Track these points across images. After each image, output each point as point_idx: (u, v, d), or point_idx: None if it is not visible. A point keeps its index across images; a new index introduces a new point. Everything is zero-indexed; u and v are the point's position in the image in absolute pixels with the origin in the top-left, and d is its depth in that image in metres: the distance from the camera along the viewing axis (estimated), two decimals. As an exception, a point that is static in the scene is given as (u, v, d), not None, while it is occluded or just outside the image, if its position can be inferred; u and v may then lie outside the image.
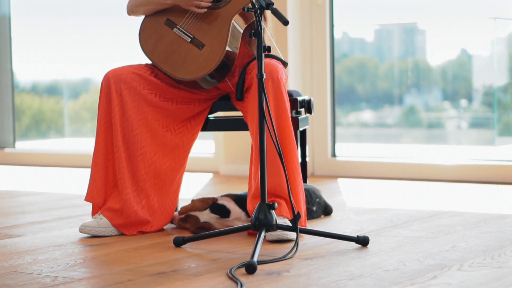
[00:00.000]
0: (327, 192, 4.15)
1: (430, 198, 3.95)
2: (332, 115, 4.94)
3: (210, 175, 5.03)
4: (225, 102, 3.26)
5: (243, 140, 4.87)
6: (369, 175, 4.75)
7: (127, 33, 5.93)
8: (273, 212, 2.68)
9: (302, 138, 3.47)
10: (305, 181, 3.48)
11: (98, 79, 6.84)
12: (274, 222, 2.67)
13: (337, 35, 5.05)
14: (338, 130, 5.03)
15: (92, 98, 6.84)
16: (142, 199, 3.12)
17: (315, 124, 4.91)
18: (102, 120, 3.15)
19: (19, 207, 3.83)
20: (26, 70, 6.65)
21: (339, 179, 4.72)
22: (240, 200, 3.18)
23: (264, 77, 2.71)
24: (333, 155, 4.91)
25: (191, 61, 3.10)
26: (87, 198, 3.13)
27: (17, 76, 6.43)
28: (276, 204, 2.68)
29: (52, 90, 6.84)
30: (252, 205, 2.98)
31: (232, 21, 3.11)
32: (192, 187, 4.48)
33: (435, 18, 5.13)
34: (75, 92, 6.75)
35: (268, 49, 2.76)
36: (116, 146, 3.11)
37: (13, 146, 6.19)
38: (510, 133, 5.09)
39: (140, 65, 3.21)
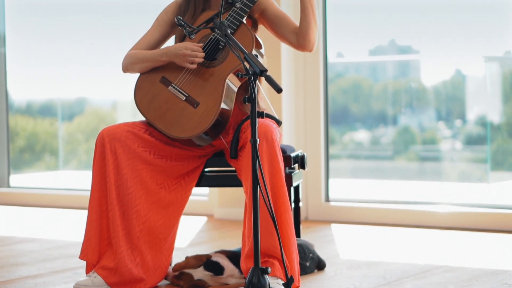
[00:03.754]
0: (320, 240, 4.16)
1: (424, 249, 3.96)
2: (325, 161, 4.94)
3: (204, 218, 5.04)
4: (219, 159, 3.28)
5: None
6: (362, 221, 4.76)
7: (123, 53, 5.93)
8: (266, 276, 2.71)
9: (296, 193, 3.49)
10: (298, 228, 3.49)
11: (93, 98, 6.85)
12: (268, 287, 2.69)
13: (331, 55, 5.06)
14: (331, 152, 5.02)
15: (87, 119, 6.85)
16: (136, 256, 3.14)
17: (308, 169, 4.87)
18: (97, 178, 3.17)
19: (13, 258, 3.84)
20: (20, 89, 6.65)
21: (333, 225, 4.73)
22: (234, 257, 3.20)
23: (258, 142, 2.73)
24: (327, 199, 4.92)
25: (186, 120, 3.12)
26: (82, 256, 3.15)
27: (11, 96, 6.43)
28: (269, 269, 2.72)
29: (47, 110, 6.84)
30: (246, 265, 3.00)
31: (227, 80, 3.13)
32: (186, 233, 4.49)
33: (429, 39, 5.14)
34: (70, 112, 6.75)
35: (262, 114, 2.78)
36: (110, 204, 3.13)
37: (7, 174, 6.18)
38: (503, 167, 5.11)
39: (134, 122, 3.23)
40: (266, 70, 2.74)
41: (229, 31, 2.87)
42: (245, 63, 2.77)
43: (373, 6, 5.23)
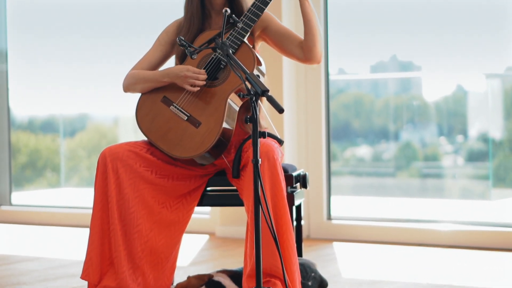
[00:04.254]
0: (322, 258, 4.15)
1: (426, 268, 3.94)
2: (327, 178, 4.93)
3: (206, 237, 5.03)
4: (220, 178, 3.28)
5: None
6: (364, 239, 4.75)
7: (123, 68, 5.94)
8: (268, 296, 2.71)
9: (298, 212, 3.48)
10: (300, 246, 3.48)
11: (95, 114, 6.85)
12: (270, 307, 2.70)
13: (332, 71, 5.06)
14: (333, 169, 5.00)
15: (88, 136, 6.85)
16: (138, 276, 3.13)
17: (309, 186, 4.85)
18: (99, 198, 3.16)
19: (15, 277, 3.83)
20: (22, 105, 6.66)
21: (335, 243, 4.72)
22: (236, 277, 3.19)
23: (260, 161, 2.73)
24: (329, 217, 4.91)
25: (188, 140, 3.12)
26: (83, 276, 3.14)
27: (13, 112, 6.43)
28: (271, 290, 2.71)
29: (49, 126, 6.84)
30: (248, 285, 3.00)
31: (228, 99, 3.13)
32: (188, 251, 4.48)
33: (430, 55, 5.14)
34: (72, 128, 6.75)
35: (263, 134, 2.78)
36: (112, 223, 3.12)
37: (9, 191, 6.18)
38: (505, 184, 5.10)
39: (136, 142, 3.23)
40: (268, 90, 2.74)
41: (230, 51, 2.87)
42: (247, 83, 2.77)
43: (374, 21, 5.23)
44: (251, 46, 3.23)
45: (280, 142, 3.21)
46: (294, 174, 3.31)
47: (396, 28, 5.21)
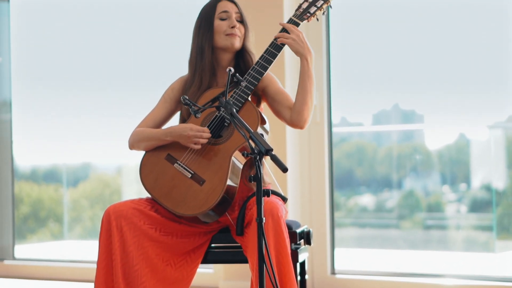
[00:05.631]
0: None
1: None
2: (331, 231, 4.92)
3: (210, 291, 5.02)
4: (224, 235, 3.28)
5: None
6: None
7: (127, 117, 5.98)
8: None
9: (302, 268, 3.48)
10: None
11: (97, 163, 6.86)
12: None
13: (335, 120, 5.07)
14: (337, 220, 4.99)
15: (91, 185, 6.85)
16: (142, 334, 3.12)
17: (313, 239, 4.85)
18: (103, 255, 3.16)
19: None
20: (25, 155, 6.67)
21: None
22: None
23: (264, 220, 2.73)
24: (333, 272, 4.89)
25: (192, 197, 3.12)
26: (87, 335, 3.13)
27: (16, 161, 6.44)
28: None
29: (52, 176, 6.85)
30: None
31: (232, 157, 3.14)
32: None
33: (432, 103, 5.16)
34: (75, 178, 6.75)
35: (267, 193, 2.78)
36: (116, 282, 3.12)
37: (12, 244, 6.17)
38: (509, 234, 5.09)
39: (140, 199, 3.24)
40: (272, 150, 2.75)
41: (234, 110, 2.89)
42: (251, 141, 2.79)
43: (377, 71, 5.27)
44: (255, 105, 3.25)
45: (284, 199, 3.22)
46: (298, 231, 3.32)
47: (398, 77, 5.24)
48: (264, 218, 2.74)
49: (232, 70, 3.00)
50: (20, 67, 6.41)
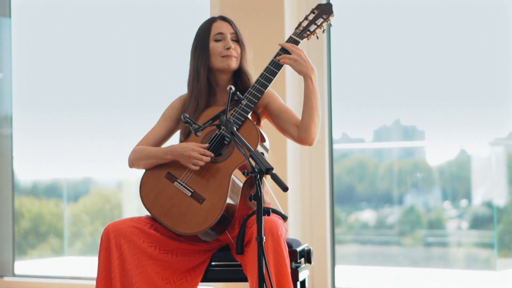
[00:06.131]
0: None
1: None
2: (331, 247, 4.90)
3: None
4: (224, 253, 3.27)
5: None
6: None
7: (128, 132, 5.98)
8: None
9: (302, 287, 3.46)
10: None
11: (98, 178, 6.85)
12: None
13: (336, 136, 5.07)
14: (337, 237, 4.97)
15: (92, 200, 6.84)
16: None
17: (314, 256, 4.82)
18: (102, 274, 3.16)
19: None
20: (26, 169, 6.67)
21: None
22: None
23: (264, 240, 2.72)
24: (334, 291, 4.89)
25: (192, 216, 3.12)
26: None
27: (17, 176, 6.44)
28: None
29: (52, 190, 6.84)
30: None
31: (232, 175, 3.13)
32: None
33: (433, 119, 5.16)
34: (75, 193, 6.75)
35: (268, 212, 2.78)
36: (115, 300, 3.11)
37: (12, 261, 6.16)
38: (510, 250, 5.07)
39: (140, 217, 3.23)
40: (272, 168, 2.75)
41: (235, 128, 2.89)
42: (251, 160, 2.78)
43: (377, 87, 5.27)
44: (255, 123, 3.25)
45: (284, 218, 3.21)
46: (299, 249, 3.31)
47: (399, 93, 5.24)
48: (264, 237, 2.73)
49: (233, 88, 3.00)
50: (21, 82, 6.43)
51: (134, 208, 6.58)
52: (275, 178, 2.73)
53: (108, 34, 6.23)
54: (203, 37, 3.30)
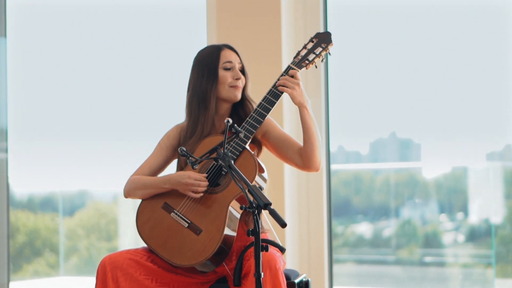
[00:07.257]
0: None
1: None
2: (329, 264, 4.89)
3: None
4: (222, 286, 3.25)
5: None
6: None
7: (124, 145, 5.97)
8: None
9: (301, 318, 3.45)
10: None
11: (94, 191, 6.83)
12: None
13: (332, 148, 5.05)
14: (335, 256, 4.94)
15: (88, 214, 6.81)
16: None
17: (312, 279, 4.79)
18: (99, 305, 3.13)
19: None
20: (22, 182, 6.65)
21: None
22: None
23: (262, 275, 2.70)
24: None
25: (189, 247, 3.09)
26: None
27: (13, 189, 6.42)
28: None
29: (48, 204, 6.82)
30: None
31: (229, 206, 3.11)
32: None
33: (430, 132, 5.15)
34: (71, 206, 6.72)
35: (266, 248, 2.75)
36: (111, 333, 3.09)
37: (7, 281, 6.13)
38: (508, 264, 5.06)
39: (137, 249, 3.21)
40: (270, 204, 2.72)
41: (232, 162, 2.86)
42: (249, 195, 2.76)
43: (374, 100, 5.26)
44: (255, 151, 3.23)
45: (282, 250, 3.18)
46: (297, 281, 3.29)
47: (395, 106, 5.23)
48: (262, 273, 2.71)
49: (230, 121, 2.97)
50: (17, 96, 6.41)
51: (130, 223, 6.56)
52: (274, 214, 2.71)
53: (103, 56, 6.22)
54: (212, 64, 3.25)
